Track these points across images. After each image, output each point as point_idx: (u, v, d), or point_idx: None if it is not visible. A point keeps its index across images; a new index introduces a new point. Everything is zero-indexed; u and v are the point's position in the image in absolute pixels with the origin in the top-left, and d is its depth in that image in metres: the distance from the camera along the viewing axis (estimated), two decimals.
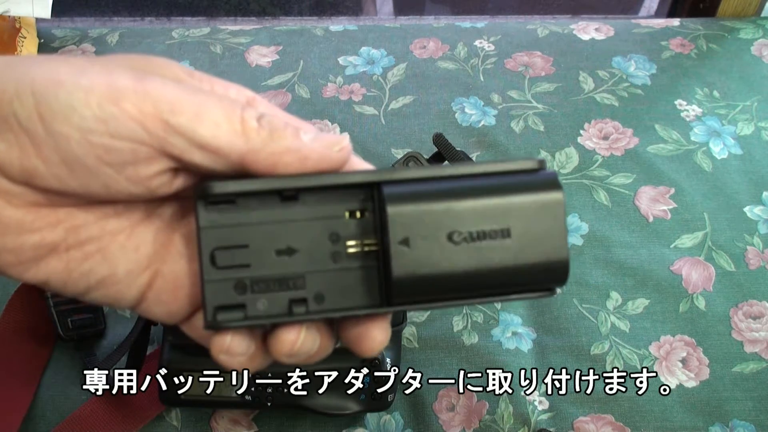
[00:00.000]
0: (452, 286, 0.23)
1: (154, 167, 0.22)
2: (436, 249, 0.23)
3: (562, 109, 0.69)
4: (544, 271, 0.24)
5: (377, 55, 0.74)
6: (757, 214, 0.62)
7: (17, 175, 0.21)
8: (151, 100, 0.21)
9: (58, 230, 0.23)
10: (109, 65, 0.22)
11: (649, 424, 0.51)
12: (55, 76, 0.21)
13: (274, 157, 0.22)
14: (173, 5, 1.12)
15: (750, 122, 0.69)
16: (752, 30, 0.77)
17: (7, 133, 0.21)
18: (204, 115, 0.22)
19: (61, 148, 0.21)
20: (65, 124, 0.21)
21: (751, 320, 0.56)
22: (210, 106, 0.22)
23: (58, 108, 0.21)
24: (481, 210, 0.23)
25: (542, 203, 0.24)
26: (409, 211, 0.23)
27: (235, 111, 0.22)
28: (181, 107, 0.21)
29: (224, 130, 0.22)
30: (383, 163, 0.64)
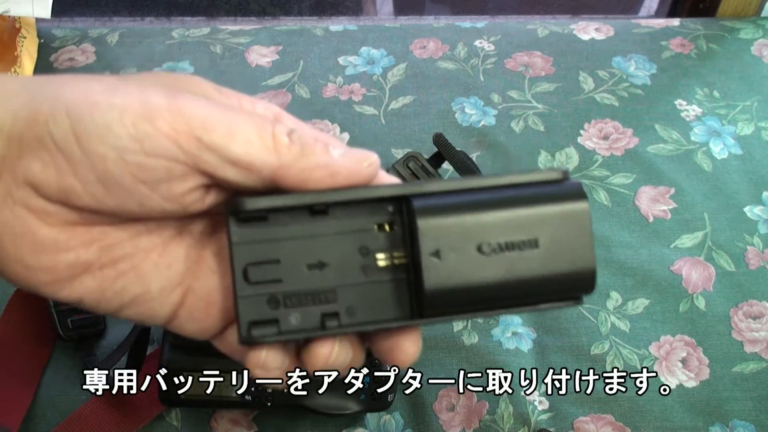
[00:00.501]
0: (482, 297, 0.24)
1: (188, 184, 0.22)
2: (467, 260, 0.23)
3: (562, 109, 0.69)
4: (571, 280, 0.24)
5: (377, 55, 0.74)
6: (757, 214, 0.62)
7: (54, 194, 0.22)
8: (184, 118, 0.21)
9: (92, 249, 0.23)
10: (141, 83, 0.23)
11: (649, 424, 0.51)
12: (89, 96, 0.21)
13: (305, 173, 0.23)
14: (173, 5, 1.12)
15: (750, 122, 0.69)
16: (752, 30, 0.77)
17: (43, 153, 0.21)
18: (236, 132, 0.22)
19: (97, 168, 0.21)
20: (101, 144, 0.21)
21: (751, 320, 0.56)
22: (241, 123, 0.22)
23: (94, 128, 0.21)
24: (509, 221, 0.24)
25: (568, 213, 0.24)
26: (438, 224, 0.23)
27: (267, 127, 0.22)
28: (214, 124, 0.22)
29: (256, 146, 0.22)
30: (383, 163, 0.64)
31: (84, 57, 0.74)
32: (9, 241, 0.22)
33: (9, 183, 0.22)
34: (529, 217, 0.24)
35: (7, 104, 0.22)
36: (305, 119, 0.68)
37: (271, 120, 0.23)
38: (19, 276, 0.23)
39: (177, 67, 0.73)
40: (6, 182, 0.22)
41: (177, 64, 0.73)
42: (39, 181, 0.21)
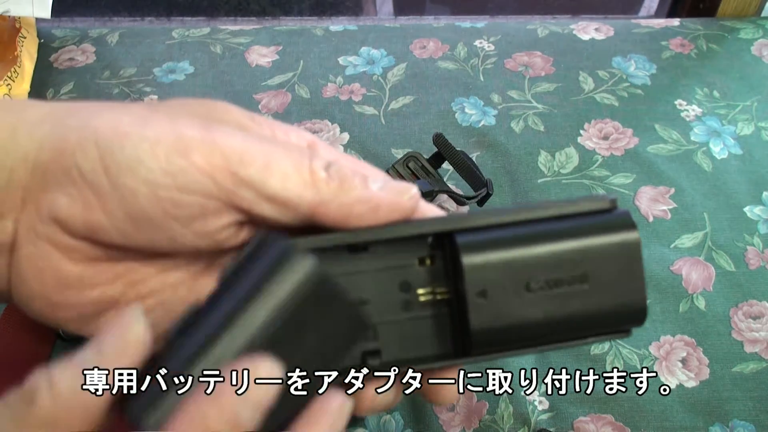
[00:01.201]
0: (530, 334, 0.23)
1: (222, 220, 0.21)
2: (514, 299, 0.22)
3: (562, 109, 0.69)
4: (620, 314, 0.23)
5: (377, 55, 0.74)
6: (757, 214, 0.62)
7: (80, 230, 0.21)
8: (219, 152, 0.20)
9: (117, 285, 0.22)
10: (172, 113, 0.22)
11: (649, 424, 0.51)
12: (119, 127, 0.20)
13: (345, 209, 0.21)
14: (173, 5, 1.12)
15: (750, 122, 0.69)
16: (752, 30, 0.77)
17: (70, 186, 0.20)
18: (273, 166, 0.21)
19: (127, 203, 0.20)
20: (132, 177, 0.20)
21: (751, 320, 0.56)
22: (278, 157, 0.21)
23: (124, 161, 0.20)
24: (557, 256, 0.23)
25: (618, 245, 0.23)
26: (484, 262, 0.22)
27: (304, 161, 0.21)
28: (251, 158, 0.20)
29: (294, 181, 0.21)
30: (383, 163, 0.64)
31: (84, 57, 0.74)
32: (33, 277, 0.21)
33: (33, 217, 0.21)
34: (578, 251, 0.23)
35: (31, 132, 0.21)
36: (305, 119, 0.68)
37: (307, 153, 0.22)
38: (44, 312, 0.22)
39: (177, 67, 0.73)
40: (30, 215, 0.21)
41: (177, 64, 0.73)
42: (65, 216, 0.20)
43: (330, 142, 0.66)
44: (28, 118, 0.21)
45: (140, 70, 0.73)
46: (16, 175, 0.20)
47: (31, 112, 0.21)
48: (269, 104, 0.69)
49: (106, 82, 0.72)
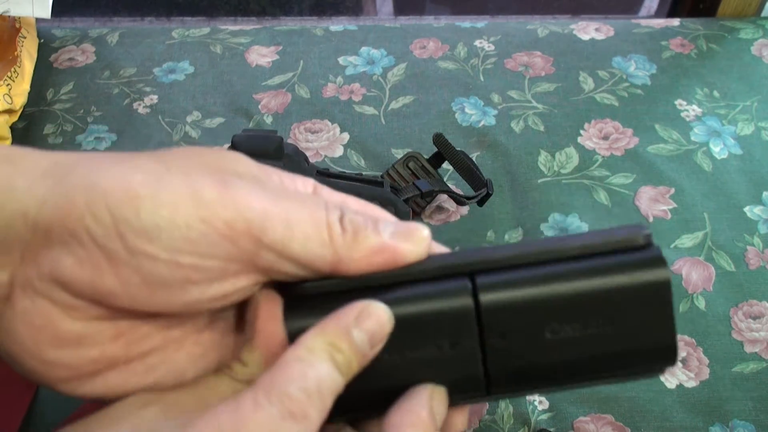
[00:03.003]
0: (551, 376, 0.22)
1: (241, 282, 0.21)
2: (535, 342, 0.22)
3: (562, 109, 0.69)
4: (648, 357, 0.22)
5: (377, 55, 0.74)
6: (757, 214, 0.62)
7: (85, 292, 0.20)
8: (241, 216, 0.20)
9: (119, 343, 0.21)
10: (185, 169, 0.20)
11: (649, 424, 0.51)
12: (131, 189, 0.19)
13: (362, 261, 0.21)
14: (173, 5, 1.12)
15: (750, 122, 0.69)
16: (752, 30, 0.77)
17: (78, 248, 0.19)
18: (294, 228, 0.20)
19: (144, 269, 0.19)
20: (150, 244, 0.19)
21: (751, 320, 0.56)
22: (297, 216, 0.20)
23: (141, 227, 0.19)
24: (581, 298, 0.22)
25: (647, 288, 0.22)
26: (504, 304, 0.22)
27: (321, 218, 0.21)
28: (272, 220, 0.20)
29: (314, 242, 0.21)
30: (383, 163, 0.64)
31: (84, 57, 0.74)
32: (27, 333, 0.20)
33: (32, 272, 0.19)
34: (603, 292, 0.22)
35: (31, 188, 0.19)
36: (305, 119, 0.68)
37: (322, 204, 0.21)
38: (36, 371, 0.21)
39: (177, 67, 0.73)
40: (29, 270, 0.20)
41: (177, 64, 0.73)
42: (69, 278, 0.19)
43: (330, 142, 0.66)
44: (27, 171, 0.20)
45: (140, 70, 0.73)
46: (13, 231, 0.19)
47: (29, 165, 0.20)
48: (269, 104, 0.69)
49: (106, 82, 0.72)
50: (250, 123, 0.68)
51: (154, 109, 0.69)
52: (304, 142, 0.66)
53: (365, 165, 0.65)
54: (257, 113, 0.69)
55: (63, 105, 0.70)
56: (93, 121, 0.68)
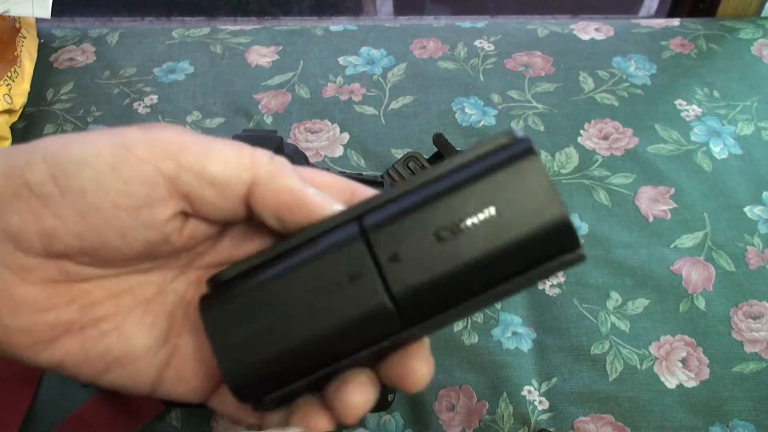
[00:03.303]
0: (458, 284, 0.22)
1: (168, 209, 0.22)
2: (427, 253, 0.22)
3: (562, 109, 0.69)
4: (547, 236, 0.22)
5: (377, 55, 0.74)
6: (757, 214, 0.62)
7: (35, 242, 0.21)
8: (160, 144, 0.21)
9: (72, 308, 0.23)
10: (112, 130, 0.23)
11: (649, 424, 0.51)
12: (65, 140, 0.21)
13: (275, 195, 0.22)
14: (173, 5, 1.12)
15: (750, 122, 0.69)
16: (752, 30, 0.77)
17: (19, 204, 0.21)
18: (212, 153, 0.22)
19: (76, 203, 0.21)
20: (79, 178, 0.21)
21: (751, 320, 0.56)
22: (218, 146, 0.22)
23: (71, 165, 0.21)
24: (460, 199, 0.22)
25: (519, 172, 0.22)
26: (388, 229, 0.22)
27: (244, 149, 0.22)
28: (191, 146, 0.22)
29: (233, 165, 0.22)
30: (383, 163, 0.65)
31: (84, 57, 0.74)
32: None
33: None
34: (479, 189, 0.22)
35: None
36: (305, 119, 0.68)
37: (248, 146, 0.23)
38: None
39: (177, 67, 0.73)
40: None
41: (177, 64, 0.73)
42: (18, 231, 0.21)
43: (330, 142, 0.66)
44: None
45: (140, 70, 0.73)
46: None
47: None
48: (269, 104, 0.69)
49: (106, 82, 0.72)
50: (250, 123, 0.68)
51: (154, 109, 0.69)
52: (304, 142, 0.66)
53: (365, 165, 0.65)
54: (257, 113, 0.69)
55: (63, 105, 0.70)
56: (93, 121, 0.68)
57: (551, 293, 0.57)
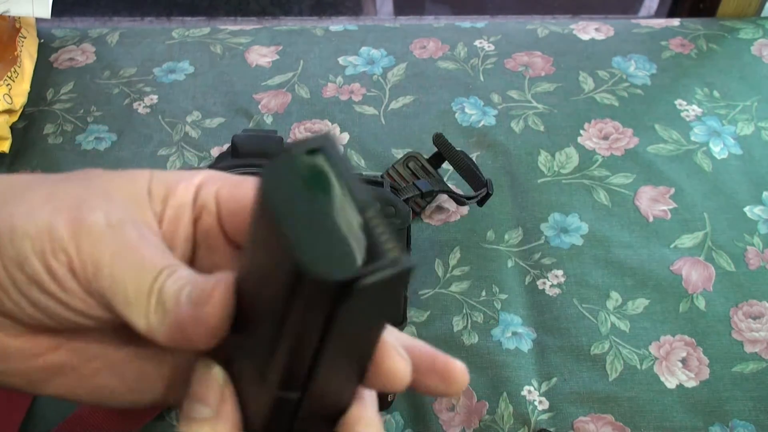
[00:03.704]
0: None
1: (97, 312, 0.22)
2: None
3: (562, 109, 0.69)
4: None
5: (377, 55, 0.74)
6: (757, 214, 0.62)
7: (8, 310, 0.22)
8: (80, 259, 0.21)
9: (60, 353, 0.23)
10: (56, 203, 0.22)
11: (649, 424, 0.51)
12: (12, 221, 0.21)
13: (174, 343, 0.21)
14: (173, 5, 1.12)
15: (750, 122, 0.69)
16: (752, 30, 0.77)
17: None
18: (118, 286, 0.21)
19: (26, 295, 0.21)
20: (20, 271, 0.21)
21: (751, 320, 0.56)
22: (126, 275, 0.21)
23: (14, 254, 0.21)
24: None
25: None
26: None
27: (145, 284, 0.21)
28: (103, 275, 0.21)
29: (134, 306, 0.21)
30: (383, 163, 0.64)
31: (84, 57, 0.74)
32: None
33: None
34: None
35: None
36: (305, 119, 0.68)
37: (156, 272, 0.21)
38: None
39: (177, 67, 0.73)
40: None
41: (177, 64, 0.73)
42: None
43: None
44: None
45: (140, 70, 0.73)
46: None
47: None
48: (269, 104, 0.69)
49: (106, 82, 0.72)
50: (250, 123, 0.68)
51: (154, 109, 0.69)
52: None
53: (365, 165, 0.65)
54: (257, 113, 0.69)
55: (63, 105, 0.70)
56: (93, 121, 0.68)
57: (551, 293, 0.57)
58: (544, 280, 0.58)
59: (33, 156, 0.65)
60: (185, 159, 0.65)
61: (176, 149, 0.66)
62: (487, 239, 0.60)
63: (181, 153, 0.66)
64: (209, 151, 0.66)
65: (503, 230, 0.61)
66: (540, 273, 0.58)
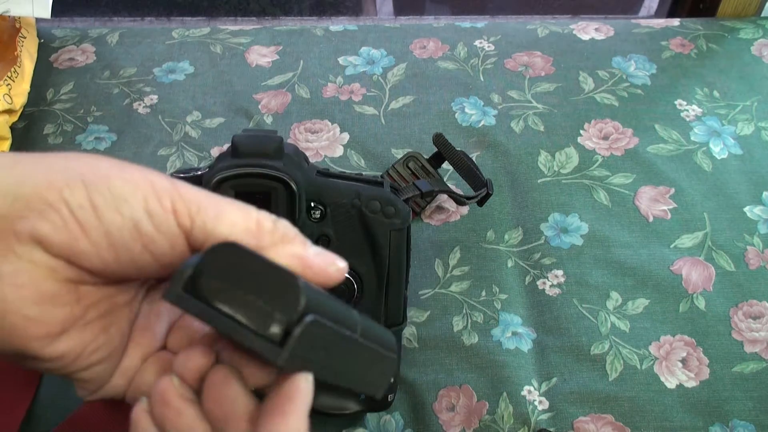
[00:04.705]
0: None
1: (183, 257, 0.24)
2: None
3: (562, 109, 0.69)
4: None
5: (377, 55, 0.74)
6: (757, 214, 0.62)
7: (63, 252, 0.23)
8: (183, 200, 0.24)
9: (80, 305, 0.25)
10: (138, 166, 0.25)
11: (649, 424, 0.51)
12: (100, 171, 0.23)
13: (280, 258, 0.24)
14: (173, 5, 1.12)
15: (750, 122, 0.69)
16: (752, 30, 0.77)
17: (54, 216, 0.22)
18: (224, 215, 0.24)
19: (111, 234, 0.23)
20: (117, 213, 0.23)
21: (751, 320, 0.56)
22: (229, 208, 0.25)
23: (111, 199, 0.23)
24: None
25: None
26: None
27: (251, 213, 0.25)
28: (206, 208, 0.24)
29: (239, 228, 0.24)
30: (383, 163, 0.64)
31: (84, 57, 0.74)
32: (11, 292, 0.23)
33: (11, 240, 0.22)
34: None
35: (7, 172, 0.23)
36: (305, 119, 0.68)
37: (254, 209, 0.25)
38: (15, 328, 0.23)
39: (177, 67, 0.73)
40: (8, 239, 0.22)
41: (177, 64, 0.73)
42: (48, 240, 0.22)
43: (330, 142, 0.66)
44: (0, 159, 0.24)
45: (140, 70, 0.73)
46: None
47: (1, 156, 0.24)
48: (269, 104, 0.69)
49: (106, 82, 0.72)
50: (250, 123, 0.68)
51: (154, 109, 0.69)
52: (304, 142, 0.66)
53: (365, 165, 0.65)
54: (257, 113, 0.69)
55: (63, 105, 0.70)
56: (93, 121, 0.68)
57: (551, 293, 0.57)
58: (544, 280, 0.58)
59: None
60: (185, 159, 0.65)
61: (176, 149, 0.66)
62: (487, 239, 0.60)
63: (181, 153, 0.66)
64: (209, 151, 0.66)
65: (503, 230, 0.61)
66: (540, 273, 0.58)
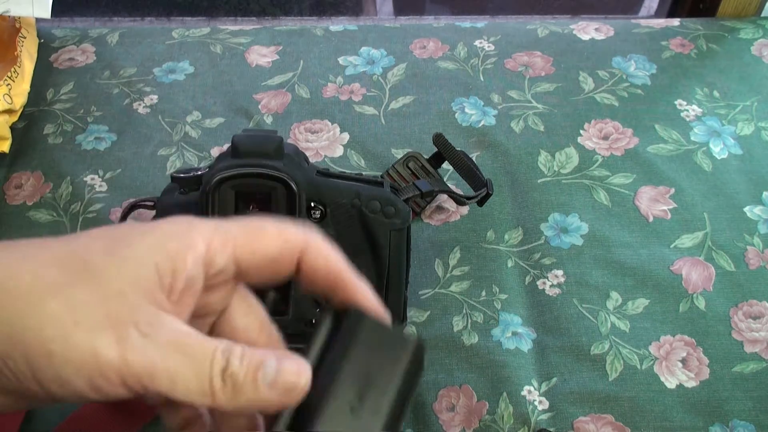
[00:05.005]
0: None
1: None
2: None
3: (562, 109, 0.69)
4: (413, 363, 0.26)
5: (377, 55, 0.74)
6: (757, 214, 0.62)
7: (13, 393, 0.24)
8: (132, 372, 0.24)
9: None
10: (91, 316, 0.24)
11: (649, 424, 0.51)
12: (44, 345, 0.23)
13: (238, 410, 0.25)
14: (173, 5, 1.12)
15: (750, 122, 0.69)
16: (752, 30, 0.77)
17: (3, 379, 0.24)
18: (178, 382, 0.24)
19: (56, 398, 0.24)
20: (60, 388, 0.24)
21: (751, 320, 0.56)
22: (181, 370, 0.24)
23: (53, 376, 0.23)
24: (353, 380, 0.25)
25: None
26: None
27: (205, 370, 0.24)
28: (159, 376, 0.24)
29: (195, 393, 0.24)
30: (383, 163, 0.65)
31: (84, 57, 0.74)
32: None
33: None
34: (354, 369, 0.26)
35: None
36: (305, 119, 0.68)
37: (209, 357, 0.24)
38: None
39: (177, 67, 0.73)
40: None
41: (177, 64, 0.73)
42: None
43: (330, 142, 0.66)
44: None
45: (140, 70, 0.73)
46: None
47: None
48: (269, 104, 0.69)
49: (106, 82, 0.72)
50: (250, 123, 0.68)
51: (154, 109, 0.69)
52: (304, 142, 0.66)
53: (365, 165, 0.65)
54: (257, 113, 0.69)
55: (63, 105, 0.70)
56: (93, 121, 0.68)
57: (551, 293, 0.57)
58: (544, 280, 0.58)
59: (33, 156, 0.66)
60: (185, 159, 0.65)
61: (176, 149, 0.66)
62: (487, 239, 0.60)
63: (181, 153, 0.66)
64: (209, 151, 0.66)
65: (503, 230, 0.61)
66: (540, 273, 0.58)
